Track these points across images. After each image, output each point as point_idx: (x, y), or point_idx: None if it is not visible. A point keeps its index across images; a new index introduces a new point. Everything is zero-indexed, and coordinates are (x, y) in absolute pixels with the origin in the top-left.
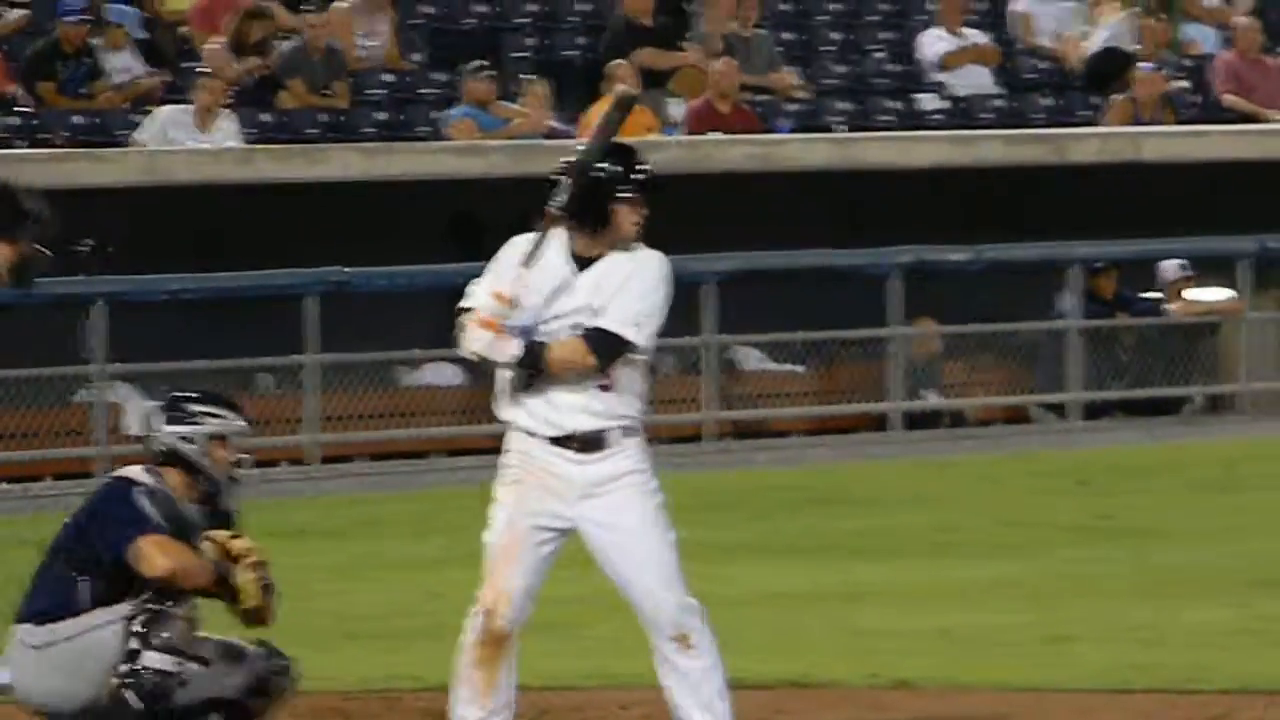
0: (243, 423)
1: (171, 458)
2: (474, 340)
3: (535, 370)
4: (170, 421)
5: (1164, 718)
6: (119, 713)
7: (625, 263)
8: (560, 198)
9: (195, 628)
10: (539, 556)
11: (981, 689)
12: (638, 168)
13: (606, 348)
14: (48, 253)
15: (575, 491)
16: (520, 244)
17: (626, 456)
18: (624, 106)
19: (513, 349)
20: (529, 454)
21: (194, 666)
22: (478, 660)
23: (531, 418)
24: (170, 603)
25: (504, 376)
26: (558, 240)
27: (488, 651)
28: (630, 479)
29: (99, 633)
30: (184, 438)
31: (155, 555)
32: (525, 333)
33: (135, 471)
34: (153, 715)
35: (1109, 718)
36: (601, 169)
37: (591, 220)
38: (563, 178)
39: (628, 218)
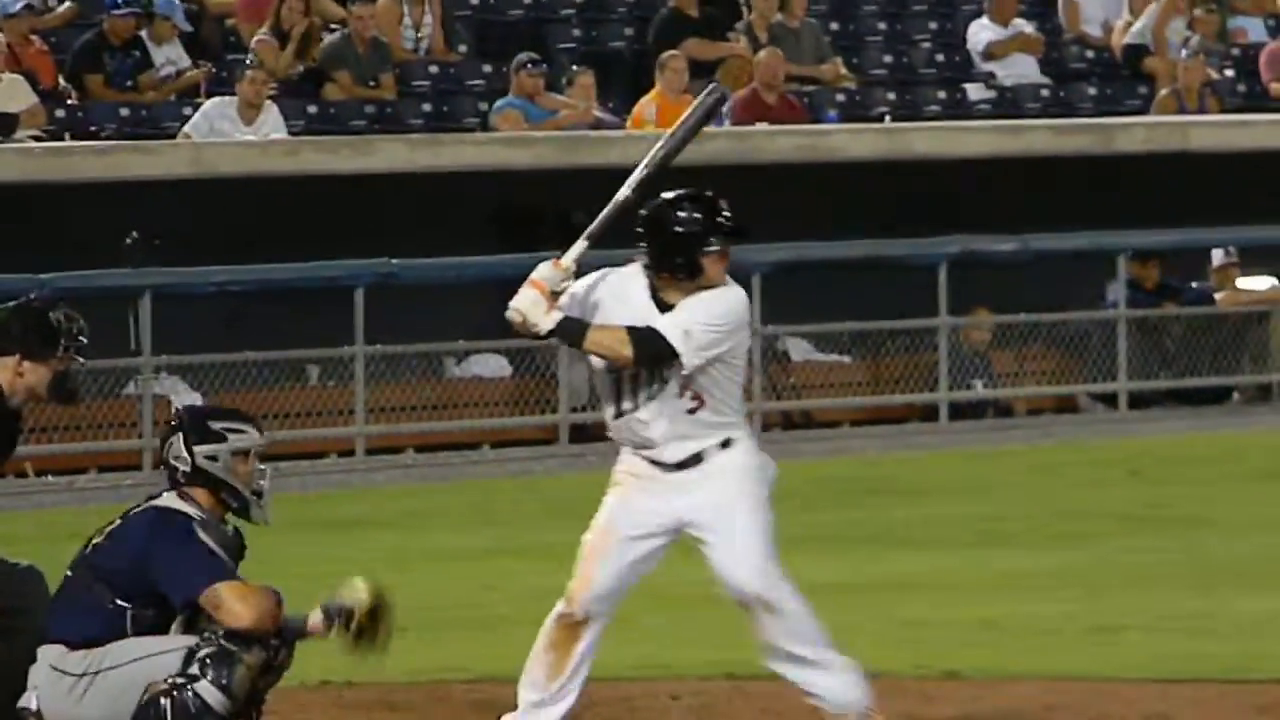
0: (261, 436)
1: (198, 477)
2: (520, 297)
3: (569, 344)
4: (195, 442)
5: (1214, 708)
6: (145, 716)
7: (705, 295)
8: (635, 189)
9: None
10: (632, 556)
11: (1030, 679)
12: (722, 218)
13: (647, 346)
14: (83, 362)
15: (674, 490)
16: (606, 280)
17: (725, 459)
18: (716, 104)
19: (552, 318)
20: (633, 466)
21: None
22: (550, 642)
23: (629, 443)
24: (241, 647)
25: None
26: (639, 276)
27: (560, 635)
28: (731, 477)
29: (155, 661)
30: (209, 456)
31: (236, 604)
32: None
33: (174, 500)
34: None
35: (1158, 708)
36: (686, 223)
37: (683, 273)
38: (645, 170)
39: (715, 266)
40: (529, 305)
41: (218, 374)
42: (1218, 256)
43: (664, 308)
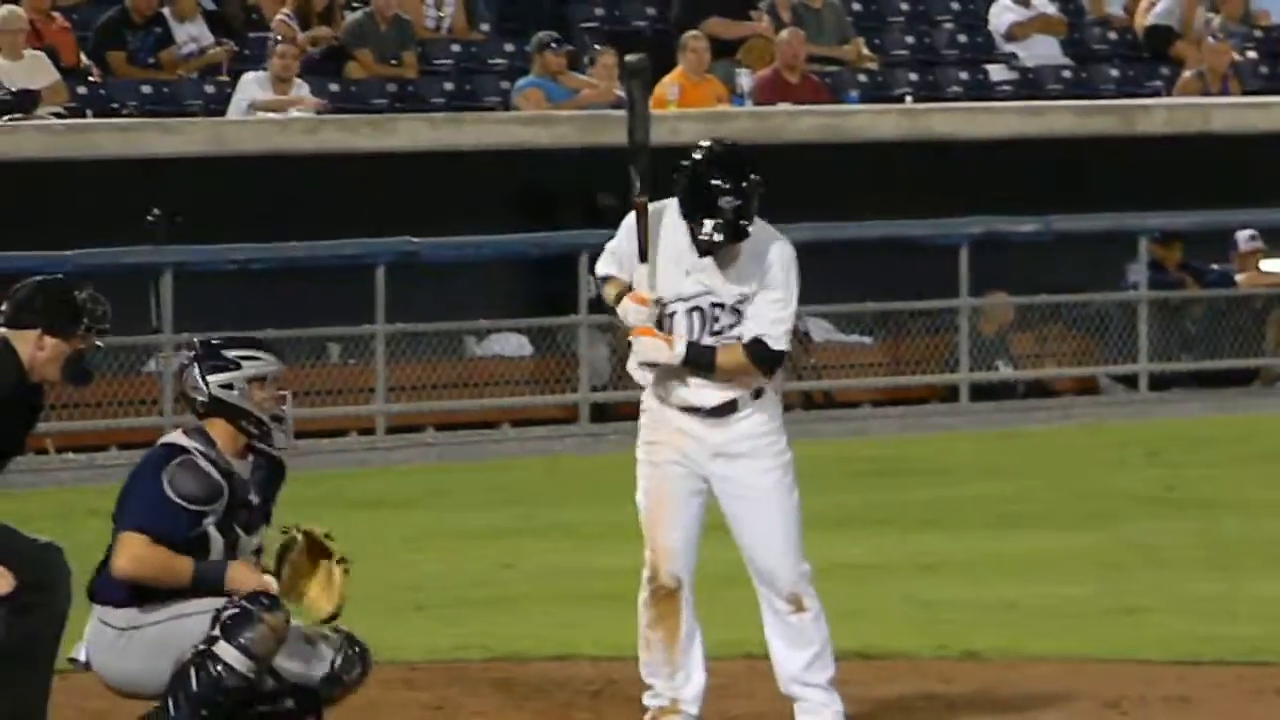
0: (278, 362)
1: (215, 407)
2: (643, 350)
3: (703, 374)
4: (209, 372)
5: (1232, 689)
6: (177, 684)
7: (750, 252)
8: (637, 185)
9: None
10: (691, 509)
11: (1049, 660)
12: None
13: (769, 361)
14: (101, 344)
15: (707, 450)
16: (633, 216)
17: (755, 419)
18: (637, 74)
19: (678, 352)
20: (661, 415)
21: (267, 680)
22: (654, 620)
23: (661, 386)
24: (262, 606)
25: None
26: (673, 222)
27: (661, 609)
28: (761, 441)
29: (186, 622)
30: (224, 385)
31: (120, 554)
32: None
33: (179, 436)
34: (213, 703)
35: (1177, 689)
36: (712, 184)
37: (707, 217)
38: (630, 167)
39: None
40: (655, 352)
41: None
42: (1243, 240)
43: (703, 252)
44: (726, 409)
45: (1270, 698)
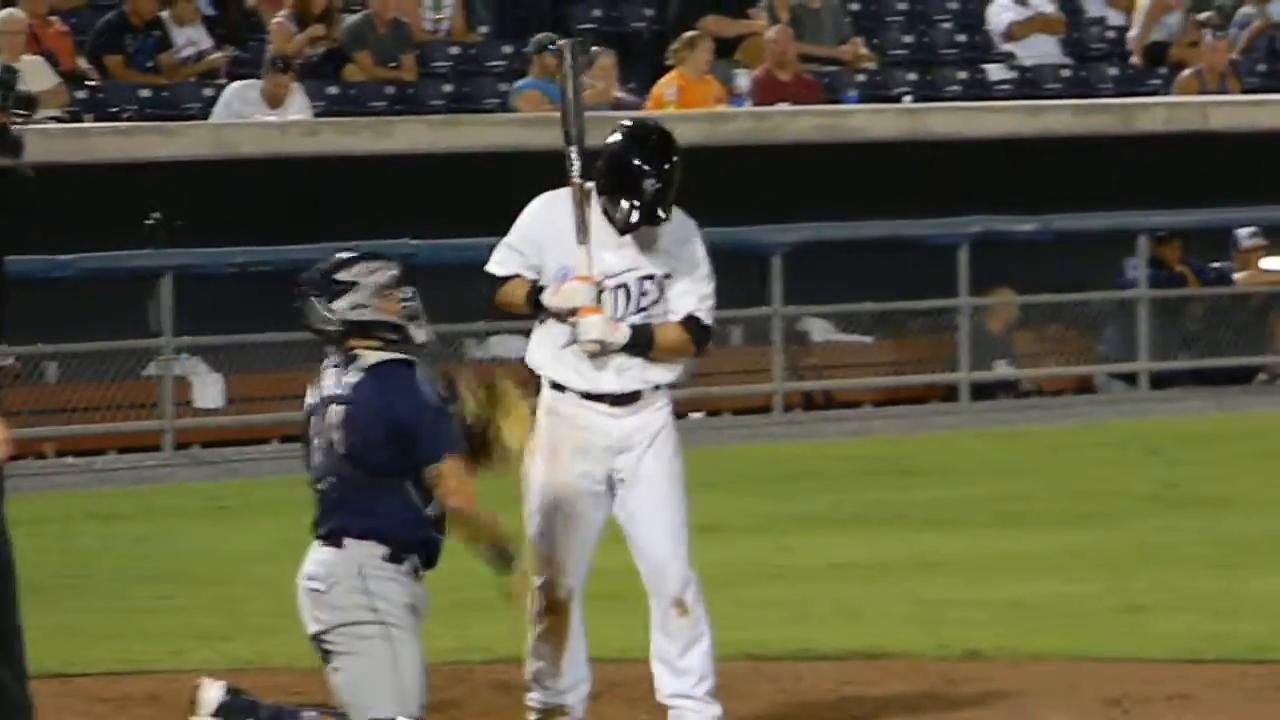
0: (393, 264)
1: (351, 329)
2: (591, 329)
3: (639, 353)
4: (331, 299)
5: (1236, 687)
6: None
7: (667, 229)
8: (575, 166)
9: None
10: (587, 522)
11: (1052, 659)
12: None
13: (704, 338)
14: (22, 118)
15: (607, 445)
16: (539, 205)
17: (657, 411)
18: (572, 56)
19: (623, 331)
20: (557, 412)
21: None
22: (546, 632)
23: (566, 373)
24: None
25: (551, 335)
26: (592, 203)
27: (556, 621)
28: (661, 434)
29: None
30: (352, 306)
31: (450, 485)
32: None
33: (379, 355)
34: None
35: (1180, 688)
36: (633, 164)
37: (627, 197)
38: (568, 149)
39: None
40: (600, 331)
41: (238, 355)
42: (1244, 237)
43: (622, 231)
44: (633, 397)
45: (1273, 695)
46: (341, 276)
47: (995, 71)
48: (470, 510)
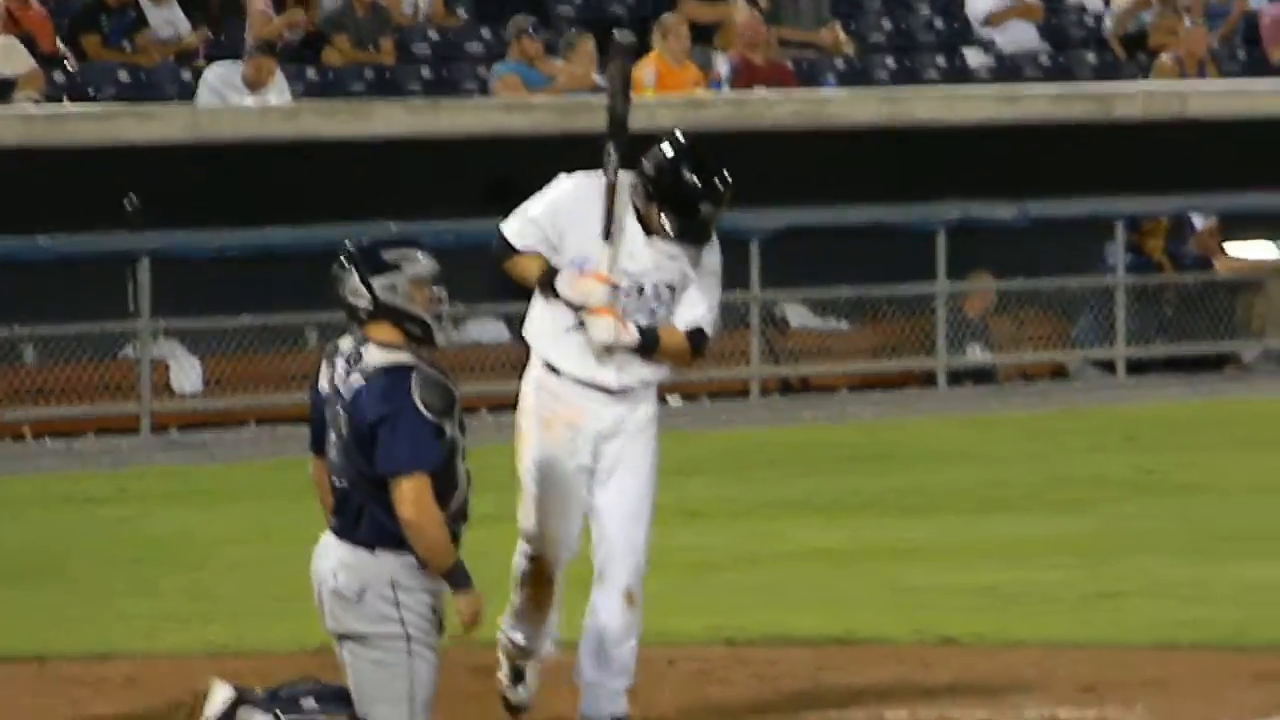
0: (434, 261)
1: (381, 311)
2: (603, 330)
3: (645, 356)
4: (371, 274)
5: (1212, 674)
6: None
7: (708, 265)
8: (613, 162)
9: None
10: (578, 497)
11: (1028, 645)
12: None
13: (702, 349)
14: None
15: (597, 429)
16: (572, 186)
17: (644, 401)
18: (625, 54)
19: (633, 333)
20: (554, 393)
21: None
22: (529, 597)
23: (565, 359)
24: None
25: (553, 316)
26: (624, 200)
27: (540, 590)
28: (648, 427)
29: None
30: (389, 287)
31: (405, 500)
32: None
33: (383, 357)
34: None
35: (1157, 674)
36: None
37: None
38: (608, 144)
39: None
40: (612, 334)
41: (216, 338)
42: (1199, 222)
43: (649, 233)
44: (626, 390)
45: (1249, 681)
46: (389, 256)
47: (974, 57)
48: (419, 525)
